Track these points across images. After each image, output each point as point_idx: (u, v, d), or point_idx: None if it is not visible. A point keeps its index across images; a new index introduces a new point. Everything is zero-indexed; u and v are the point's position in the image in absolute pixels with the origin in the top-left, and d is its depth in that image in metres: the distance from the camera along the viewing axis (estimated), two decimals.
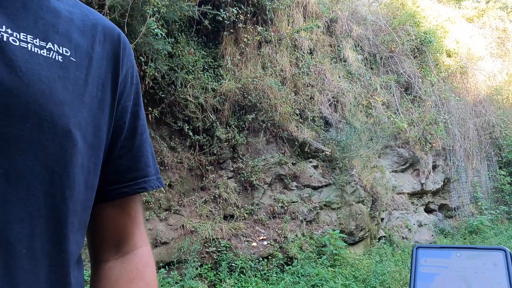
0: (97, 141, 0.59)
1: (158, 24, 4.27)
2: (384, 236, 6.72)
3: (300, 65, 6.64)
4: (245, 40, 5.79)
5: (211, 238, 4.56)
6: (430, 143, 8.58)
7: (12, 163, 0.47)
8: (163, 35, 4.30)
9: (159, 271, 4.11)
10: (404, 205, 7.70)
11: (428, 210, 8.67)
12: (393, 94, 8.44)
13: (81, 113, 0.55)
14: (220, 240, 4.62)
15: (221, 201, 5.04)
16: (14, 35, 0.49)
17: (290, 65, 6.41)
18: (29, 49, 0.50)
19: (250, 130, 5.60)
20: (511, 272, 0.69)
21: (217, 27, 5.60)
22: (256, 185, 5.31)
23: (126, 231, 0.69)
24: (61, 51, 0.54)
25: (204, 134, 5.16)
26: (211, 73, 5.45)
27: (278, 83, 5.92)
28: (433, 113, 8.92)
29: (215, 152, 5.17)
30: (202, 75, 5.24)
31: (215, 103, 5.25)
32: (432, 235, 7.82)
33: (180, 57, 4.96)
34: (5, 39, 0.48)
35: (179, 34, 5.11)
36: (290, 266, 4.85)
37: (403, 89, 8.82)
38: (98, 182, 0.62)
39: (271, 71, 6.03)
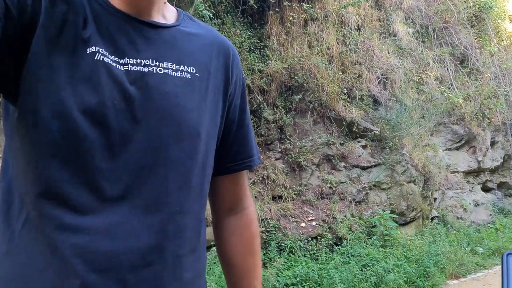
0: (213, 133, 0.80)
1: (205, 5, 4.28)
2: (437, 216, 6.53)
3: (348, 42, 6.43)
4: (290, 18, 5.69)
5: (260, 219, 4.65)
6: (488, 118, 8.10)
7: (167, 153, 0.70)
8: (211, 16, 4.31)
9: (209, 250, 4.27)
10: (459, 184, 7.40)
11: (486, 189, 8.27)
12: (447, 68, 7.99)
13: (204, 114, 0.76)
14: (269, 220, 4.70)
15: (269, 182, 5.10)
16: (160, 65, 0.71)
17: (337, 42, 6.23)
18: (169, 74, 0.72)
19: (297, 111, 5.57)
20: None
21: (262, 7, 5.53)
22: (304, 166, 5.32)
23: (237, 196, 0.92)
24: (189, 70, 0.75)
25: (251, 116, 5.18)
26: (257, 54, 5.43)
27: (325, 62, 5.79)
28: (492, 85, 8.37)
29: (262, 133, 5.21)
30: (248, 56, 5.24)
31: (262, 84, 5.25)
32: (490, 215, 7.48)
33: (227, 38, 4.97)
34: (154, 71, 0.70)
35: (225, 15, 5.12)
36: (339, 247, 4.86)
37: (458, 62, 8.31)
38: (214, 160, 0.83)
39: (317, 49, 5.90)
